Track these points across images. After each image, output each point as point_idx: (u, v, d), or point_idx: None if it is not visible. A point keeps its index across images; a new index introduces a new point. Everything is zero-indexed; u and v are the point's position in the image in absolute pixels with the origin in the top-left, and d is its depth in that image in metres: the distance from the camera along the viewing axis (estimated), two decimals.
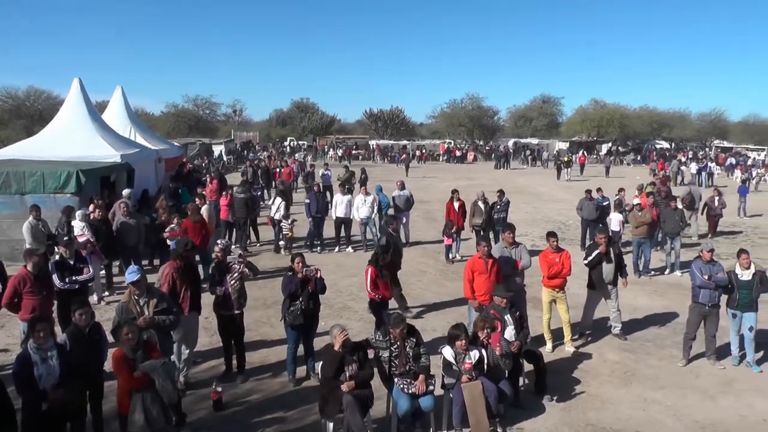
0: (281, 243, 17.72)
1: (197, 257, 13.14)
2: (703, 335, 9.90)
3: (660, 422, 8.00)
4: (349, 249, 17.79)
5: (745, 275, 9.66)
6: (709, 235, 19.95)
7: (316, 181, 21.12)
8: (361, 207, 17.39)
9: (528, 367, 8.75)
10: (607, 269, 10.56)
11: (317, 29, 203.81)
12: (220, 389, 8.20)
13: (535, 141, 68.01)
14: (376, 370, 7.56)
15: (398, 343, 7.52)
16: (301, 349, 9.03)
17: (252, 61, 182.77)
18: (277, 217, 17.68)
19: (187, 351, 8.75)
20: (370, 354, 7.63)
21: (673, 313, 12.21)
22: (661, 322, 11.82)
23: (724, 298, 9.86)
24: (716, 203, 19.86)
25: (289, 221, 17.50)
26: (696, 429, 7.87)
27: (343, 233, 18.00)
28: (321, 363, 7.40)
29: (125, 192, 16.53)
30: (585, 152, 56.21)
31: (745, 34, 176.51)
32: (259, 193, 24.75)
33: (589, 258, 10.68)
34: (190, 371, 8.94)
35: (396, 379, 7.46)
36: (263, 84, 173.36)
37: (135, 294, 7.55)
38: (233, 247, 15.22)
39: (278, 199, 18.18)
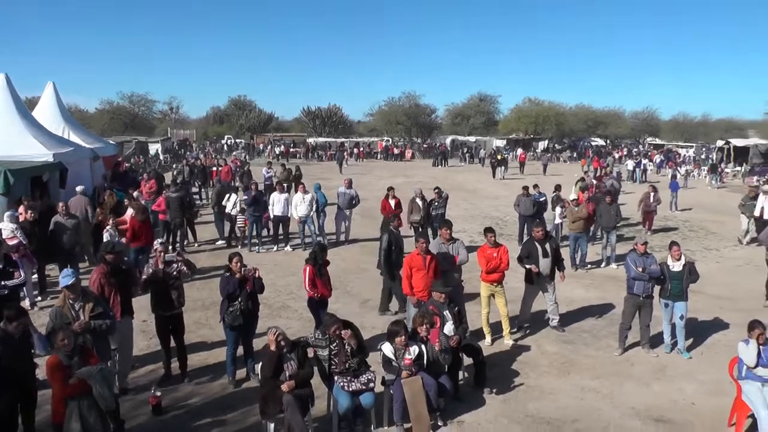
0: (238, 235, 18.15)
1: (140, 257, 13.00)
2: (638, 325, 10.24)
3: (597, 410, 8.22)
4: (288, 248, 17.70)
5: (677, 266, 10.05)
6: (645, 231, 20.52)
7: (254, 179, 20.88)
8: (300, 205, 17.32)
9: (468, 360, 8.88)
10: (544, 263, 10.77)
11: (254, 25, 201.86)
12: (159, 393, 8.05)
13: (472, 139, 68.74)
14: (315, 368, 7.55)
15: (337, 341, 7.52)
16: (240, 350, 8.96)
17: (189, 57, 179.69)
18: (233, 212, 17.91)
19: (124, 356, 8.56)
20: (310, 353, 7.62)
21: (609, 304, 12.55)
22: (597, 313, 12.15)
23: (657, 289, 10.22)
24: (651, 199, 20.21)
25: (245, 215, 17.66)
26: (631, 414, 8.13)
27: (281, 232, 17.92)
28: (260, 364, 7.35)
29: (79, 188, 16.11)
30: (524, 150, 57.16)
31: (674, 36, 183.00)
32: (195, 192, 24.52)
33: (523, 265, 10.98)
34: (128, 376, 8.75)
35: (336, 377, 7.47)
36: (200, 81, 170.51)
37: (70, 298, 7.35)
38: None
39: (233, 195, 18.27)
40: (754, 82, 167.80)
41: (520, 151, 55.10)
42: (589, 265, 15.96)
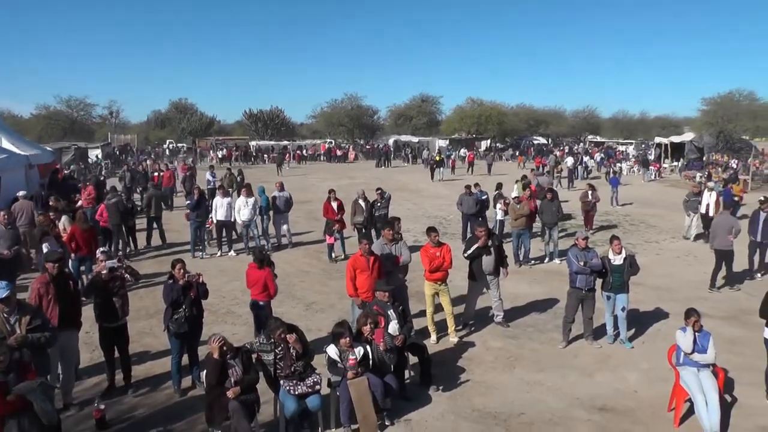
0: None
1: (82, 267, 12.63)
2: (581, 318, 10.47)
3: (542, 402, 8.37)
4: (232, 253, 17.50)
5: (617, 260, 10.37)
6: (586, 229, 20.83)
7: (197, 184, 20.62)
8: (243, 209, 17.13)
9: (413, 359, 8.95)
10: (487, 261, 10.91)
11: (195, 27, 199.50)
12: (102, 407, 7.84)
13: (415, 139, 69.24)
14: (261, 373, 7.50)
15: (282, 345, 7.48)
16: (186, 359, 8.84)
17: (128, 59, 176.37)
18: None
19: (67, 370, 8.34)
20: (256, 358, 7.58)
21: (553, 299, 12.78)
22: (541, 308, 12.37)
23: (599, 282, 10.50)
24: (590, 197, 20.09)
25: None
26: (576, 405, 8.30)
27: (224, 236, 17.72)
28: (205, 371, 7.27)
29: (21, 193, 15.60)
30: (467, 149, 57.76)
31: (613, 37, 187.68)
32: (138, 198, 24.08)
33: (469, 251, 10.99)
34: (72, 390, 8.52)
35: (282, 381, 7.42)
36: (140, 84, 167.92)
37: (4, 312, 7.12)
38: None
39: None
40: (689, 82, 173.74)
41: (464, 151, 55.54)
42: (532, 261, 16.23)
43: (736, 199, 22.71)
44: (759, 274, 14.90)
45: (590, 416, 8.01)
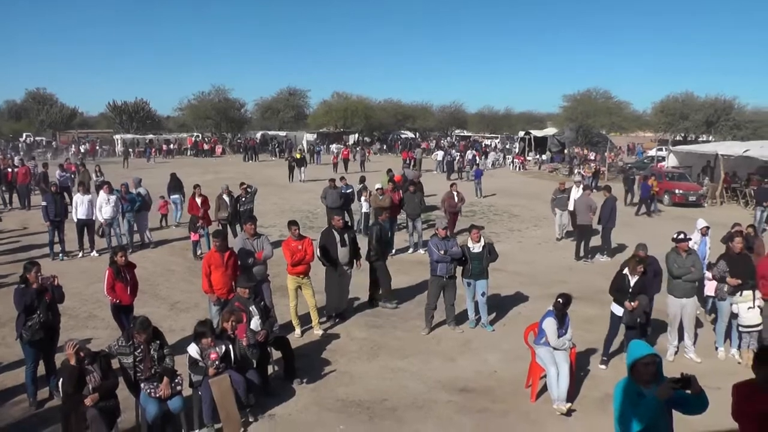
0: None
1: None
2: (443, 304, 10.87)
3: (405, 387, 8.66)
4: (94, 253, 16.75)
5: (476, 248, 10.90)
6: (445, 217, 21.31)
7: (53, 181, 19.60)
8: (104, 206, 16.45)
9: (277, 354, 8.98)
10: (342, 252, 11.17)
11: (52, 9, 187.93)
12: None
13: (283, 133, 68.94)
14: (121, 377, 7.32)
15: (142, 347, 7.33)
16: (42, 368, 8.42)
17: None
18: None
19: None
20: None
21: (417, 287, 13.19)
22: (406, 297, 12.71)
23: (459, 269, 10.95)
24: (456, 199, 18.93)
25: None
26: (438, 388, 8.65)
27: (86, 236, 16.93)
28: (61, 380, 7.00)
29: None
30: (337, 143, 58.16)
31: (479, 36, 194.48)
32: None
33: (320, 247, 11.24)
34: None
35: (142, 385, 7.27)
36: None
37: None
38: None
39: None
40: (551, 80, 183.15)
41: (336, 146, 55.61)
42: (394, 251, 16.54)
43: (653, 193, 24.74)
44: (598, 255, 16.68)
45: (451, 397, 8.37)
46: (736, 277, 9.66)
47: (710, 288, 10.65)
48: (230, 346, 7.70)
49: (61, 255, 16.48)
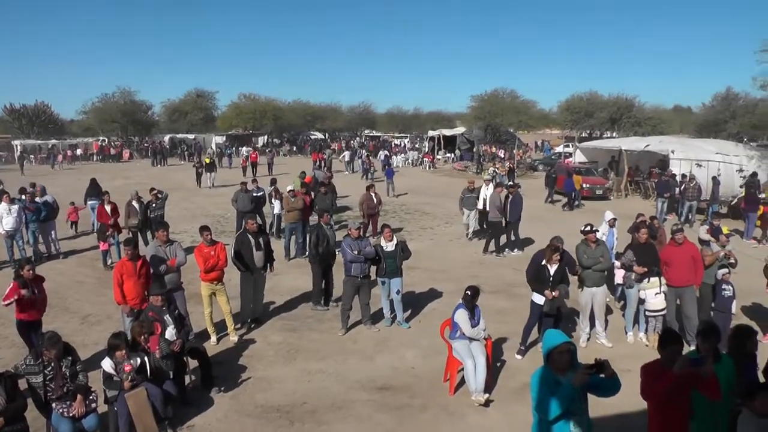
0: None
1: None
2: (359, 304, 10.99)
3: (324, 389, 8.73)
4: None
5: (389, 247, 11.07)
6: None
7: None
8: (6, 217, 15.66)
9: (194, 363, 8.87)
10: (258, 256, 11.13)
11: None
12: None
13: (191, 136, 67.66)
14: (30, 398, 7.07)
15: (53, 364, 7.11)
16: None
17: None
18: None
19: None
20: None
21: None
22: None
23: (374, 269, 11.10)
24: (374, 201, 18.99)
25: None
26: (357, 388, 8.77)
27: None
28: None
29: None
30: (254, 148, 57.65)
31: (388, 36, 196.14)
32: None
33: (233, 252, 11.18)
34: None
35: (54, 404, 7.06)
36: None
37: None
38: None
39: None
40: (459, 80, 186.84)
41: (246, 149, 55.04)
42: (306, 254, 16.41)
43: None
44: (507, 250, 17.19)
45: (370, 396, 8.50)
46: (643, 265, 10.28)
47: (619, 276, 11.18)
48: (145, 358, 7.58)
49: None
